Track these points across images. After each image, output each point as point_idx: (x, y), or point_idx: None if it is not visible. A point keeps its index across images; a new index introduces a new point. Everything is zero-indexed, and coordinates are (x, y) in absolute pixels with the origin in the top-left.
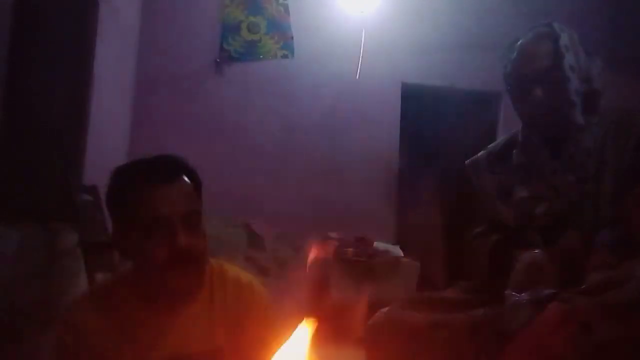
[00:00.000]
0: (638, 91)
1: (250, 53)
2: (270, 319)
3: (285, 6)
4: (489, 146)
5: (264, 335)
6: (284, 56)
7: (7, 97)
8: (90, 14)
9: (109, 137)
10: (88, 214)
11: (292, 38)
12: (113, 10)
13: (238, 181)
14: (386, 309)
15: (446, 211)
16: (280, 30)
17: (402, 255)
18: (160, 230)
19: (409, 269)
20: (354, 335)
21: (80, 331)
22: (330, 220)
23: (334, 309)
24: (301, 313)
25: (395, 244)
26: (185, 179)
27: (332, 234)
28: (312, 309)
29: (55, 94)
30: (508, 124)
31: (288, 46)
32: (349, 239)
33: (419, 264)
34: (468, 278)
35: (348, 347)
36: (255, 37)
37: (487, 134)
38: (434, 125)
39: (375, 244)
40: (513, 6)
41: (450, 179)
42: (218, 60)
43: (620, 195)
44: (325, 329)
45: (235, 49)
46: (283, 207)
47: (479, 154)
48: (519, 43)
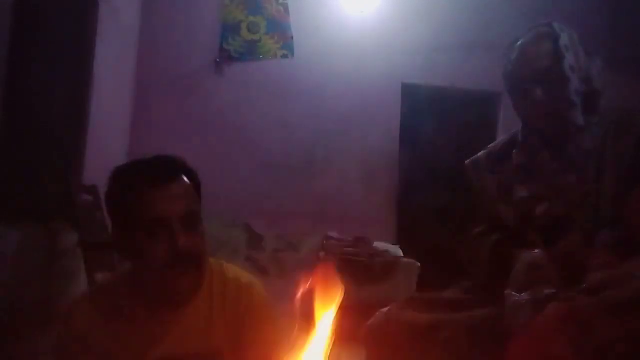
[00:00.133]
0: (638, 91)
1: (250, 53)
2: (270, 319)
3: (285, 6)
4: (489, 146)
5: (264, 335)
6: (284, 56)
7: (7, 97)
8: (90, 14)
9: (109, 137)
10: (88, 214)
11: (292, 38)
12: (113, 10)
13: (238, 181)
14: (386, 309)
15: (446, 211)
16: (280, 30)
17: (402, 255)
18: (159, 230)
19: (409, 269)
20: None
21: (80, 331)
22: (330, 220)
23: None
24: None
25: (395, 244)
26: (185, 179)
27: (332, 234)
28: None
29: (55, 94)
30: (508, 124)
31: (288, 46)
32: (349, 239)
33: (419, 264)
34: (468, 278)
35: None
36: (255, 37)
37: (487, 134)
38: (434, 125)
39: (375, 244)
40: (513, 6)
41: (450, 179)
42: (218, 60)
43: (620, 195)
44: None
45: (235, 49)
46: (283, 207)
47: (479, 154)
48: (519, 43)
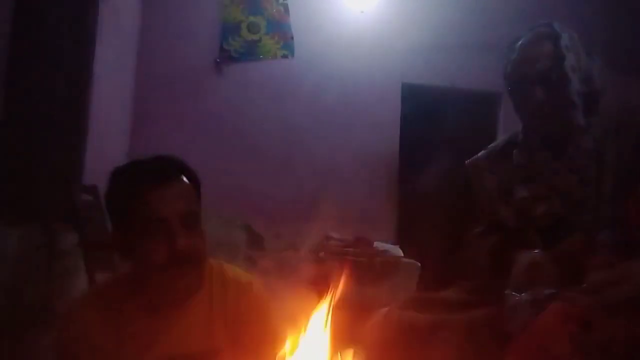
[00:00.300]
0: (638, 91)
1: (250, 53)
2: (270, 319)
3: (285, 6)
4: (489, 146)
5: (264, 335)
6: (284, 56)
7: (7, 97)
8: (90, 14)
9: (109, 137)
10: (88, 214)
11: (292, 38)
12: (113, 10)
13: (238, 181)
14: (386, 309)
15: (446, 211)
16: (280, 30)
17: (402, 255)
18: (159, 231)
19: (409, 269)
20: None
21: (80, 331)
22: (330, 220)
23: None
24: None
25: (395, 244)
26: (184, 179)
27: (332, 234)
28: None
29: (55, 94)
30: (508, 124)
31: (288, 46)
32: (349, 239)
33: (419, 264)
34: (468, 278)
35: None
36: (255, 37)
37: (487, 134)
38: (434, 125)
39: (375, 244)
40: (513, 6)
41: (450, 179)
42: (218, 60)
43: (620, 196)
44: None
45: (235, 49)
46: (283, 207)
47: (479, 154)
48: (519, 43)
